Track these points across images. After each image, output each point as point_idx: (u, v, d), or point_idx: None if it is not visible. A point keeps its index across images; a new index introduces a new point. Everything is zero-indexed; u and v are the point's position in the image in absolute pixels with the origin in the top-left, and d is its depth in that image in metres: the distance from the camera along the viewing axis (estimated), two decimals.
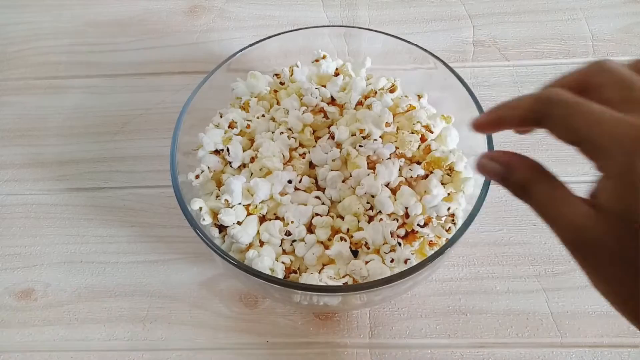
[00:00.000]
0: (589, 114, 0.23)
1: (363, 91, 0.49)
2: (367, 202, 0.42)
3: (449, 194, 0.43)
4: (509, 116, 0.27)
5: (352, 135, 0.45)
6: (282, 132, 0.46)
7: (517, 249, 0.51)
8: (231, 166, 0.46)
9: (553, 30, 0.66)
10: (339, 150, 0.44)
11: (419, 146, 0.44)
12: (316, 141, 0.47)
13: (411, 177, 0.43)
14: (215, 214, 0.43)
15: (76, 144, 0.61)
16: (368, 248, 0.42)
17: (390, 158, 0.44)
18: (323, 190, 0.45)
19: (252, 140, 0.48)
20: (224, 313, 0.49)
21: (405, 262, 0.40)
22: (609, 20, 0.66)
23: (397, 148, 0.44)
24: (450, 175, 0.44)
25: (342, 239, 0.42)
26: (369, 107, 0.46)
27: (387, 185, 0.43)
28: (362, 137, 0.44)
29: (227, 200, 0.42)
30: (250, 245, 0.43)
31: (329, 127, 0.47)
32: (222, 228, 0.43)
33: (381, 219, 0.41)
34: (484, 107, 0.45)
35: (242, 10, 0.71)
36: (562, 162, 0.55)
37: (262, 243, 0.43)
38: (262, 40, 0.51)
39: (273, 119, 0.49)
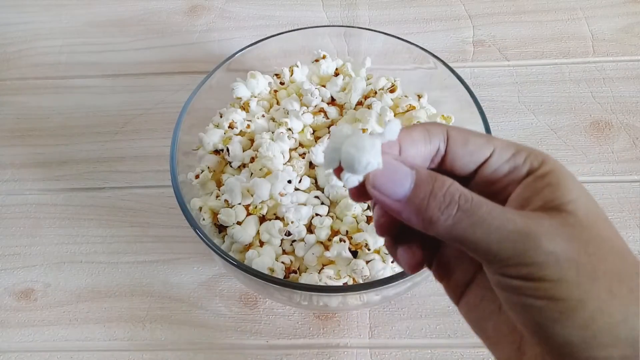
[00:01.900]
0: None
1: (363, 91, 0.49)
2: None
3: None
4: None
5: None
6: (282, 132, 0.46)
7: None
8: (231, 166, 0.46)
9: (553, 30, 0.66)
10: None
11: None
12: (316, 141, 0.47)
13: None
14: (215, 214, 0.43)
15: (76, 144, 0.61)
16: (369, 249, 0.42)
17: None
18: (322, 190, 0.45)
19: (252, 140, 0.48)
20: (224, 313, 0.49)
21: None
22: (609, 20, 0.66)
23: None
24: None
25: (341, 240, 0.42)
26: (369, 107, 0.46)
27: None
28: None
29: (227, 200, 0.42)
30: (250, 245, 0.43)
31: (329, 127, 0.47)
32: (222, 228, 0.43)
33: None
34: (484, 107, 0.45)
35: (242, 10, 0.71)
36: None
37: (262, 243, 0.43)
38: (262, 40, 0.51)
39: (273, 119, 0.49)
